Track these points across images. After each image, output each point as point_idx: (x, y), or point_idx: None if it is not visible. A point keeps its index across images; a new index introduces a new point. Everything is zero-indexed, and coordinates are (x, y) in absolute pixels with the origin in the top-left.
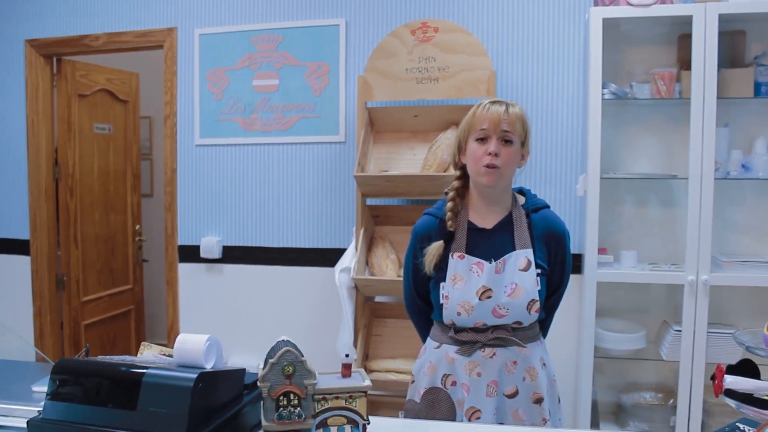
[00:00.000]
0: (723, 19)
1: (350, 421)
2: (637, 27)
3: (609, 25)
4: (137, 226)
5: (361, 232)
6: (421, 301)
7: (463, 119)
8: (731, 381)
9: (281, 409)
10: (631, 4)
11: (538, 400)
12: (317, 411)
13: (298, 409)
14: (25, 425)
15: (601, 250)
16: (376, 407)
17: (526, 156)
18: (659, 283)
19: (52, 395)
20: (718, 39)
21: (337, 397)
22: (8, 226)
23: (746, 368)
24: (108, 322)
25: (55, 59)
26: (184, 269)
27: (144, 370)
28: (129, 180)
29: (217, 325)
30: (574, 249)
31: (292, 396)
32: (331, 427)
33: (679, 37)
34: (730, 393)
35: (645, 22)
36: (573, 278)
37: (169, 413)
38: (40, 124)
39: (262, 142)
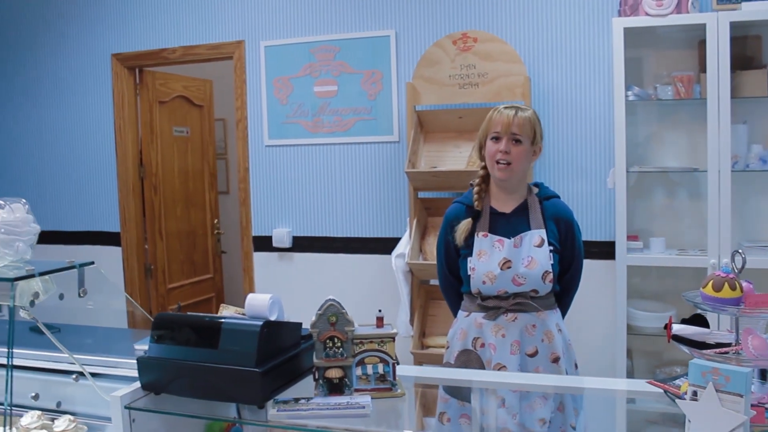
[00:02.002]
0: (738, 25)
1: (382, 360)
2: (662, 34)
3: (636, 32)
4: (215, 221)
5: (414, 222)
6: (452, 277)
7: (483, 122)
8: (678, 328)
9: (328, 349)
10: (649, 15)
11: (556, 360)
12: (356, 352)
13: (341, 349)
14: (129, 375)
15: (633, 238)
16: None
17: (538, 152)
18: (686, 267)
19: (155, 339)
20: (736, 43)
21: (371, 341)
22: (101, 220)
23: (698, 321)
24: (192, 307)
25: (137, 70)
26: (259, 258)
27: (223, 320)
28: (206, 178)
29: (288, 306)
30: (605, 236)
31: (336, 339)
32: (367, 365)
33: (699, 42)
34: (678, 338)
35: (667, 30)
36: (605, 263)
37: (242, 351)
38: (127, 129)
39: (324, 143)
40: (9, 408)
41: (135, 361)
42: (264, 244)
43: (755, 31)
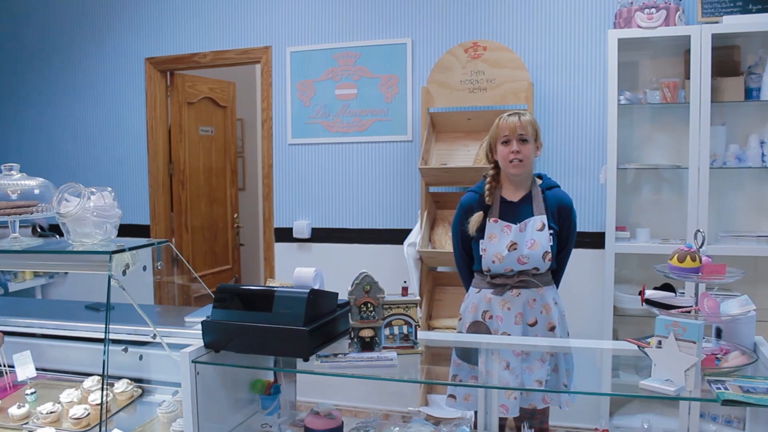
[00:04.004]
0: (720, 36)
1: (406, 323)
2: (652, 44)
3: (628, 42)
4: (235, 215)
5: (425, 214)
6: (465, 254)
7: (491, 128)
8: (650, 293)
9: (362, 312)
10: (641, 27)
11: (552, 329)
12: (385, 316)
13: (373, 313)
14: (183, 342)
15: (621, 228)
16: (438, 357)
17: (539, 148)
18: (668, 254)
19: (217, 306)
20: (717, 53)
21: (398, 306)
22: (133, 214)
23: (666, 288)
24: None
25: (168, 73)
26: (279, 248)
27: (275, 288)
28: (228, 175)
29: None
30: (596, 227)
31: (369, 305)
32: (394, 326)
33: (685, 51)
34: (650, 302)
35: (657, 40)
36: (596, 252)
37: (293, 313)
38: (157, 128)
39: (343, 141)
40: (106, 369)
41: (186, 331)
42: (284, 235)
43: (735, 41)
